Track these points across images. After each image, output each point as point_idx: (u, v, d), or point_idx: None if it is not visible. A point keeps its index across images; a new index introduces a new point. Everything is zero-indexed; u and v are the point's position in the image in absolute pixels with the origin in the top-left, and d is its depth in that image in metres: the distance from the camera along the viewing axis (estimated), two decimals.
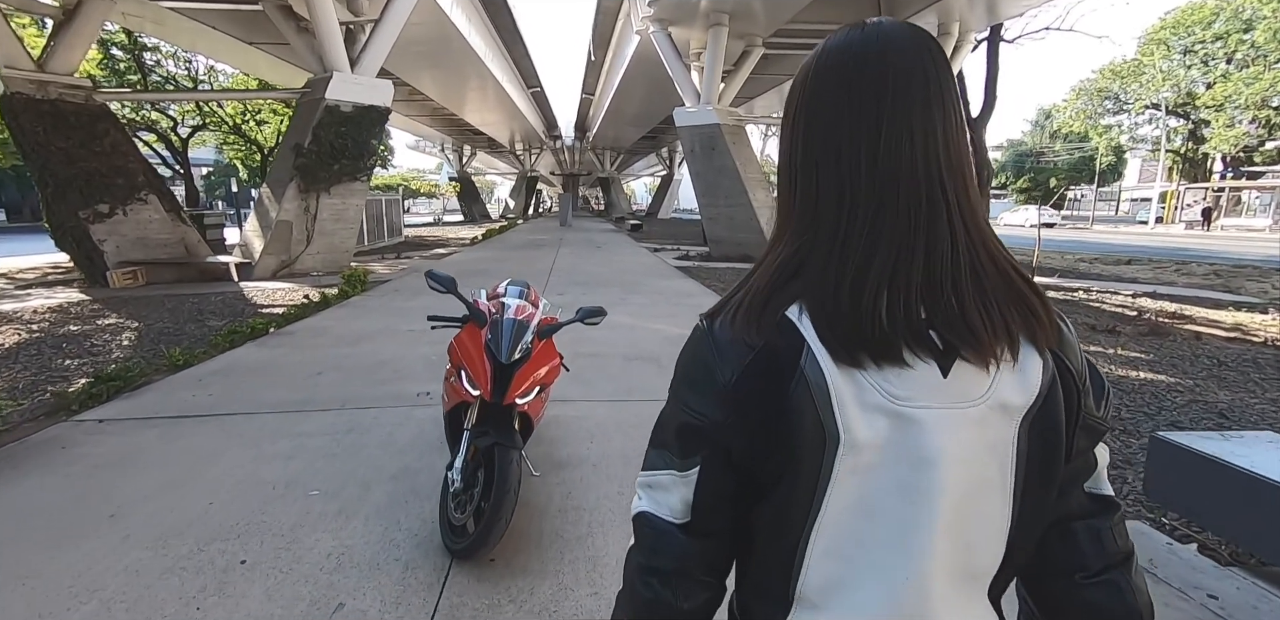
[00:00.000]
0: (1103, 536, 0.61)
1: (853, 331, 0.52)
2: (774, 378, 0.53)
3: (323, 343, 5.37)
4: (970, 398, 0.52)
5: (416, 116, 29.53)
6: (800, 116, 0.57)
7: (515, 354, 2.19)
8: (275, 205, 9.93)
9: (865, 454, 0.52)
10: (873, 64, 0.54)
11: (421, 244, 18.07)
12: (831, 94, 0.55)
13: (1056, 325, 0.57)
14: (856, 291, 0.52)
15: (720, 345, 0.56)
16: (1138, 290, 8.92)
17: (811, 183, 0.56)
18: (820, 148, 0.55)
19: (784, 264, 0.57)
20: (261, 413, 3.61)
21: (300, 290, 8.48)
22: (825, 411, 0.52)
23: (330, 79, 9.96)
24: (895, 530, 0.53)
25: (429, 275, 2.38)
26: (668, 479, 0.60)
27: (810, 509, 0.54)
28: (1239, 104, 26.49)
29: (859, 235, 0.53)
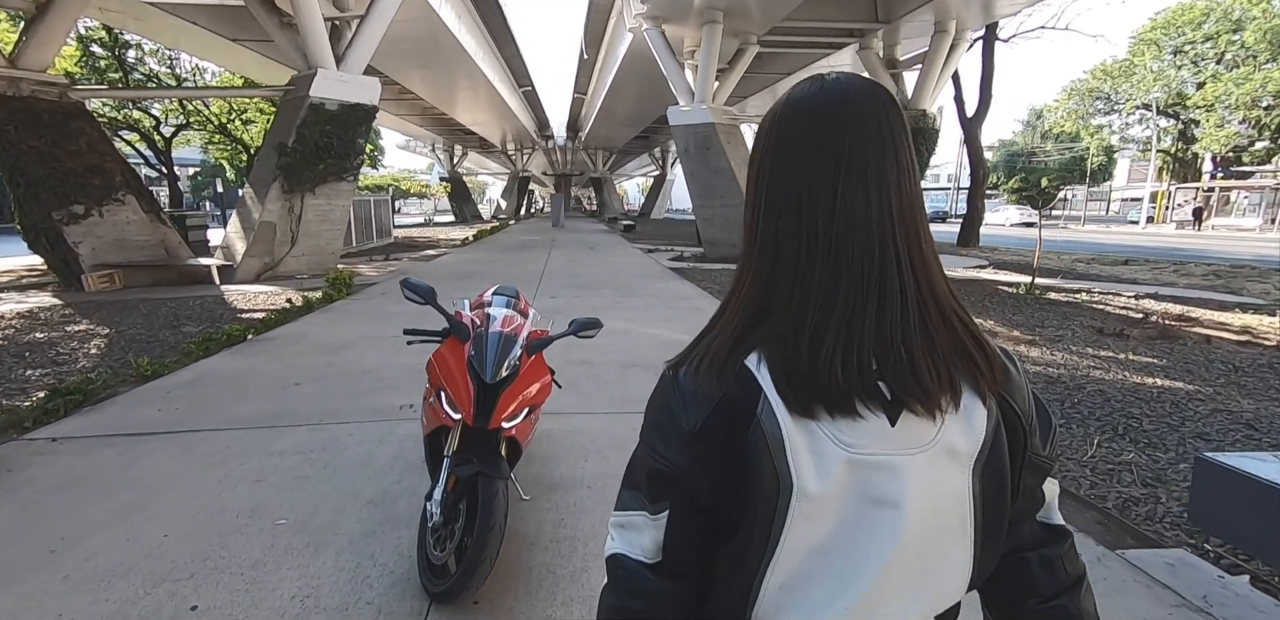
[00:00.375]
0: (1054, 565, 0.65)
1: (810, 385, 0.54)
2: (733, 426, 0.55)
3: (302, 350, 5.12)
4: (919, 444, 0.55)
5: (406, 116, 29.19)
6: (765, 165, 0.59)
7: (502, 372, 1.96)
8: (258, 206, 9.64)
9: (816, 501, 0.54)
10: (831, 118, 0.56)
11: (411, 245, 17.78)
12: (793, 146, 0.57)
13: (1004, 368, 0.60)
14: (815, 348, 0.54)
15: (684, 394, 0.58)
16: (1139, 291, 8.79)
17: (772, 231, 0.58)
18: (782, 198, 0.57)
19: (747, 313, 0.59)
20: (231, 429, 3.37)
21: (283, 294, 8.20)
22: (779, 460, 0.54)
23: (315, 76, 9.69)
24: (843, 571, 0.55)
25: (404, 284, 2.15)
26: (640, 520, 0.61)
27: (766, 549, 0.56)
28: (1229, 104, 26.58)
29: (818, 289, 0.55)
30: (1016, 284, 9.47)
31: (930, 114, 12.77)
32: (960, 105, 16.46)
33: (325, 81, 9.81)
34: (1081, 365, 4.81)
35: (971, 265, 12.76)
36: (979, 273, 11.53)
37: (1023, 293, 8.62)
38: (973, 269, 12.17)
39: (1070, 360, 4.98)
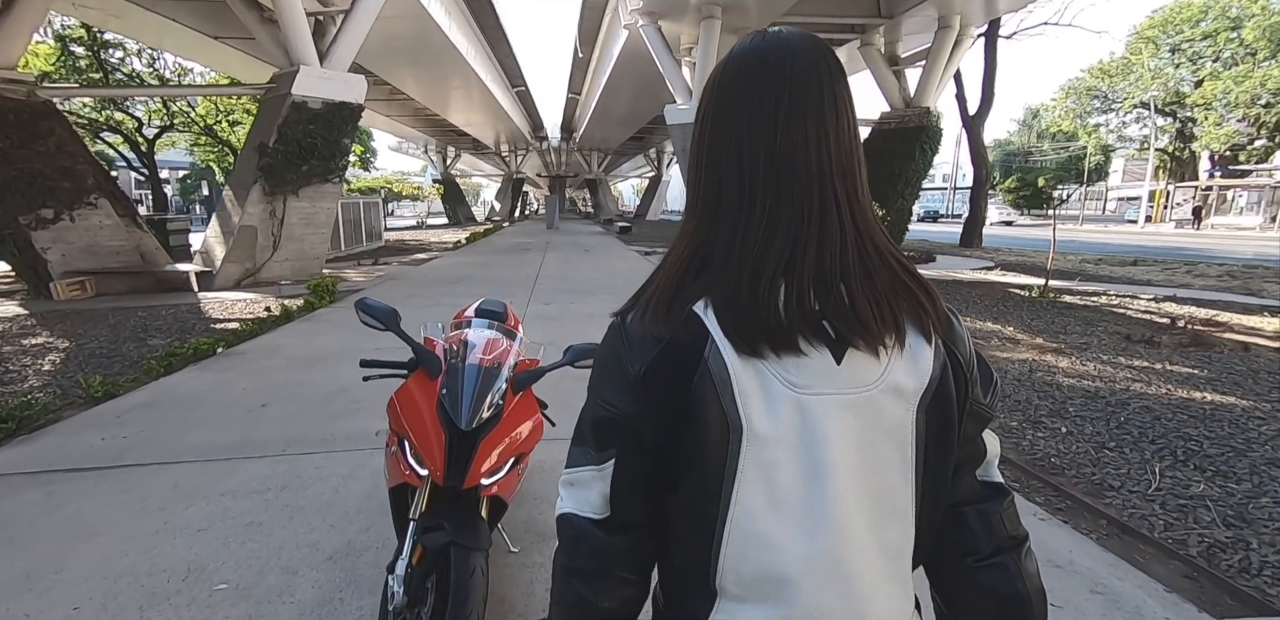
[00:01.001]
0: (992, 521, 0.64)
1: (753, 322, 0.54)
2: (679, 369, 0.55)
3: (274, 365, 4.71)
4: (865, 383, 0.55)
5: (398, 117, 28.76)
6: (708, 116, 0.60)
7: (482, 414, 1.58)
8: (238, 209, 9.22)
9: (769, 444, 0.54)
10: (773, 69, 0.57)
11: (402, 248, 17.35)
12: (737, 96, 0.58)
13: (946, 317, 0.61)
14: (754, 285, 0.55)
15: (631, 340, 0.58)
16: (1157, 294, 8.46)
17: (715, 176, 0.59)
18: (724, 145, 0.59)
19: (690, 259, 0.59)
20: (182, 462, 2.97)
21: (263, 301, 7.80)
22: (728, 401, 0.54)
23: (297, 73, 9.28)
24: (803, 515, 0.54)
25: (360, 307, 1.76)
26: (587, 475, 0.61)
27: (720, 501, 0.55)
28: (1229, 102, 26.40)
29: (757, 226, 0.56)
30: (1028, 287, 9.13)
31: (934, 111, 12.46)
32: (962, 103, 16.16)
33: (308, 79, 9.40)
34: (1118, 377, 4.46)
35: (977, 267, 12.43)
36: (986, 275, 11.21)
37: (1037, 296, 8.29)
38: (979, 271, 11.84)
39: (1104, 371, 4.63)
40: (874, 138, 13.02)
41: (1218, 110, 27.66)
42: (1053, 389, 4.19)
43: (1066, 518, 2.50)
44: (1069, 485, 2.77)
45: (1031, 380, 4.40)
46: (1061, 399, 3.98)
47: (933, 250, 15.48)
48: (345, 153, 10.40)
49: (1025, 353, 5.24)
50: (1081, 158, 41.42)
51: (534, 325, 6.08)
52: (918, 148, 12.35)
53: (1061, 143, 44.20)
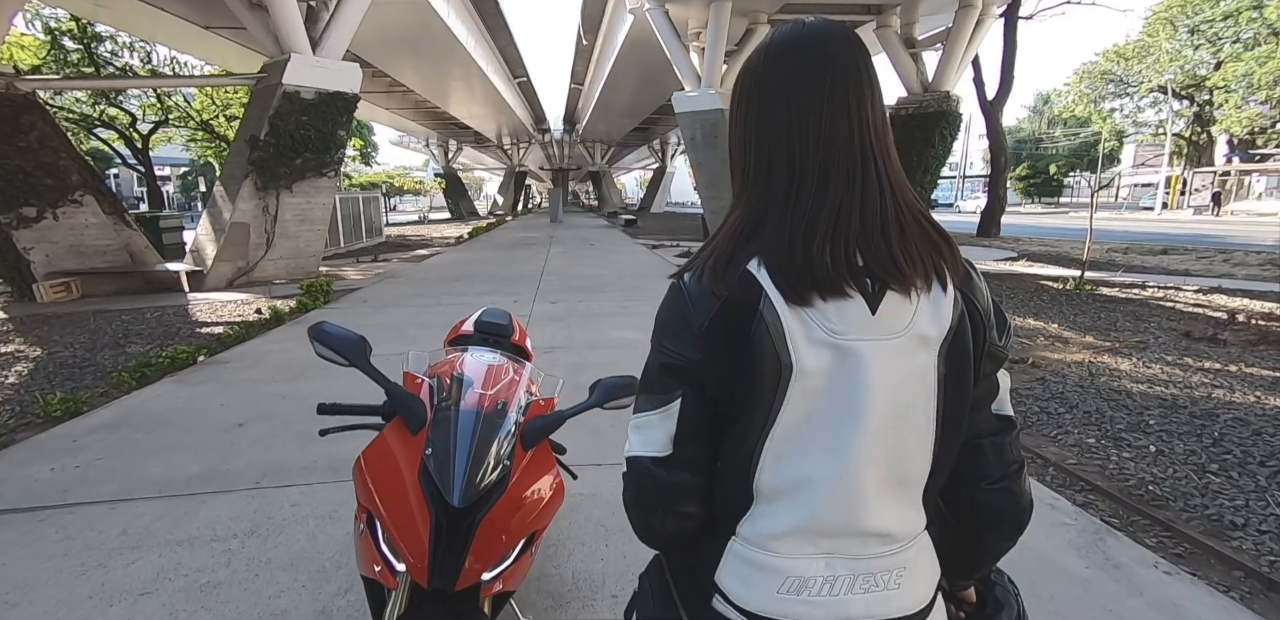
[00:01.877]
0: (1004, 451, 0.72)
1: (804, 275, 0.62)
2: (739, 321, 0.62)
3: (258, 376, 4.31)
4: (895, 330, 0.62)
5: (398, 110, 28.23)
6: (754, 97, 0.67)
7: (480, 483, 1.14)
8: (229, 205, 8.80)
9: (812, 379, 0.62)
10: (816, 55, 0.64)
11: (403, 244, 16.94)
12: (783, 79, 0.65)
13: (965, 270, 0.67)
14: (807, 243, 0.62)
15: (693, 297, 0.65)
16: (1202, 285, 7.96)
17: (765, 153, 0.66)
18: (774, 123, 0.65)
19: (743, 226, 0.66)
20: (138, 498, 2.57)
21: (254, 303, 7.40)
22: (781, 346, 0.61)
23: (288, 62, 8.83)
24: (831, 440, 0.63)
25: (315, 335, 1.30)
26: (655, 418, 0.68)
27: (765, 424, 0.64)
28: (1251, 84, 25.59)
29: (808, 196, 0.63)
30: (1060, 278, 8.66)
31: (954, 96, 11.91)
32: (980, 88, 15.56)
33: (300, 67, 8.95)
34: (1192, 382, 4.00)
35: (1001, 257, 11.92)
36: (1011, 266, 10.70)
37: (1073, 289, 7.81)
38: (1004, 261, 11.34)
39: (1174, 375, 4.17)
40: (891, 124, 12.46)
41: (1239, 92, 26.83)
42: (1123, 397, 3.75)
43: (1193, 568, 2.07)
44: (1180, 522, 2.34)
45: (1096, 386, 3.95)
46: (1136, 409, 3.53)
47: None
48: (340, 145, 9.96)
49: (1078, 353, 4.79)
50: (1094, 144, 40.58)
51: (540, 327, 5.66)
52: (937, 134, 11.82)
53: (1073, 129, 43.34)
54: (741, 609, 0.66)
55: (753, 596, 0.66)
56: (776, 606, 0.65)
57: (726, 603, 0.67)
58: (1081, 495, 2.57)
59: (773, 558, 0.65)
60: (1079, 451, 2.99)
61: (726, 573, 0.68)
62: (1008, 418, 0.72)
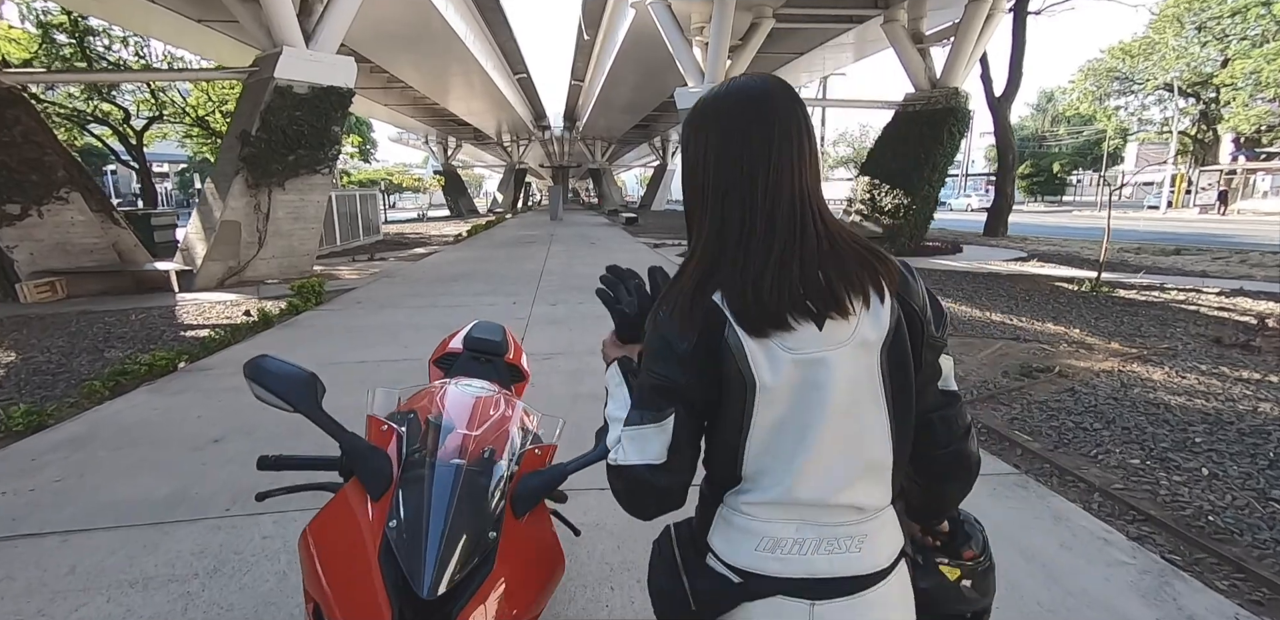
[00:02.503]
0: (950, 421, 0.84)
1: (757, 313, 0.72)
2: (711, 346, 0.73)
3: (239, 385, 4.02)
4: (840, 340, 0.73)
5: (397, 106, 27.93)
6: (709, 153, 0.76)
7: (459, 566, 0.89)
8: (220, 203, 8.55)
9: (774, 391, 0.73)
10: (762, 112, 0.73)
11: (401, 242, 16.68)
12: (736, 135, 0.73)
13: (902, 276, 0.78)
14: (758, 288, 0.72)
15: (673, 329, 0.74)
16: (1222, 287, 7.72)
17: (718, 204, 0.75)
18: (728, 177, 0.74)
19: (703, 268, 0.75)
20: (94, 528, 2.33)
21: (244, 304, 7.15)
22: (744, 366, 0.72)
23: (280, 55, 8.57)
24: (799, 433, 0.74)
25: (250, 372, 1.06)
26: (651, 431, 0.75)
27: (742, 429, 0.75)
28: (1259, 82, 25.28)
29: (757, 243, 0.73)
30: (1075, 280, 8.42)
31: (963, 92, 11.63)
32: (987, 85, 15.27)
33: (292, 61, 8.69)
34: (1234, 394, 3.76)
35: (1010, 257, 11.67)
36: (1022, 266, 10.45)
37: (1089, 290, 7.57)
38: (1014, 262, 11.09)
39: (1212, 386, 3.93)
40: (897, 121, 12.21)
41: (1246, 90, 26.52)
42: (1161, 410, 3.51)
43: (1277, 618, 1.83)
44: (1253, 560, 2.10)
45: (1130, 399, 3.71)
46: (1179, 425, 3.29)
47: (957, 240, 14.69)
48: (335, 141, 9.71)
49: (1105, 361, 4.55)
50: (1098, 142, 40.23)
51: (539, 331, 5.41)
52: (945, 131, 11.52)
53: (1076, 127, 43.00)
54: (727, 564, 0.78)
55: (735, 553, 0.78)
56: (754, 562, 0.76)
57: (716, 559, 0.79)
58: (1135, 527, 2.33)
59: (751, 521, 0.77)
60: (1124, 474, 2.75)
61: (715, 534, 0.80)
62: (952, 393, 0.84)
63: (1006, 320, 6.06)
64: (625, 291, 0.94)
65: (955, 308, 6.68)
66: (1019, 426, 3.34)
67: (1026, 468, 2.83)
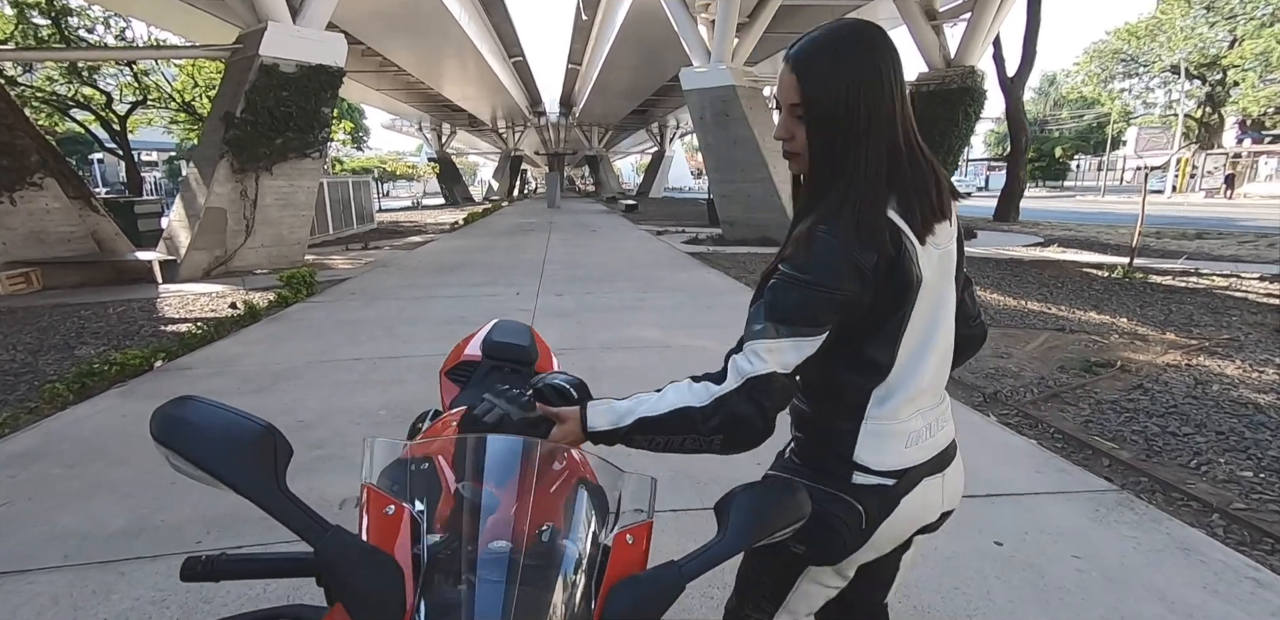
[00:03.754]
0: (975, 298, 1.04)
1: (925, 220, 0.83)
2: (891, 254, 0.79)
3: (221, 387, 3.67)
4: (951, 236, 0.88)
5: (390, 91, 27.24)
6: (860, 90, 0.79)
7: None
8: (204, 189, 8.09)
9: (929, 286, 0.84)
10: (894, 52, 0.81)
11: (396, 231, 16.20)
12: (877, 75, 0.80)
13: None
14: (924, 200, 0.83)
15: (854, 244, 0.78)
16: (1261, 272, 7.36)
17: (878, 138, 0.81)
18: (883, 114, 0.80)
19: (875, 193, 0.81)
20: (34, 568, 1.94)
21: (230, 295, 6.73)
22: (917, 266, 0.81)
23: (265, 31, 8.05)
24: (930, 326, 0.86)
25: (161, 429, 0.62)
26: (790, 344, 0.78)
27: (903, 321, 0.83)
28: (1269, 62, 24.77)
29: (912, 169, 0.84)
30: (1104, 266, 8.05)
31: (979, 71, 11.16)
32: (1000, 65, 14.76)
33: (278, 38, 8.17)
34: None
35: (1029, 243, 11.30)
36: (1043, 252, 10.08)
37: (1122, 277, 7.20)
38: (1033, 247, 10.71)
39: None
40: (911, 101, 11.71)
41: (1256, 71, 26.01)
42: (1252, 411, 3.15)
43: None
44: None
45: (1212, 398, 3.35)
46: (1278, 427, 2.93)
47: (970, 225, 14.28)
48: (325, 124, 9.21)
49: (1166, 354, 4.18)
50: (1100, 126, 39.66)
51: (546, 324, 5.01)
52: (961, 112, 11.08)
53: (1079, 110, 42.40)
54: (878, 472, 0.86)
55: (888, 458, 0.86)
56: (905, 459, 0.87)
57: (866, 472, 0.86)
58: (1278, 557, 1.97)
59: (897, 424, 0.86)
60: (1240, 491, 2.39)
61: (863, 449, 0.86)
62: (969, 278, 1.01)
63: (1045, 309, 5.69)
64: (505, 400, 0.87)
65: (987, 296, 6.31)
66: (1097, 431, 2.97)
67: (1122, 482, 2.47)
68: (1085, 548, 1.96)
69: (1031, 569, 1.87)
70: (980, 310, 1.05)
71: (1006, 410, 3.27)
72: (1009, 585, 1.80)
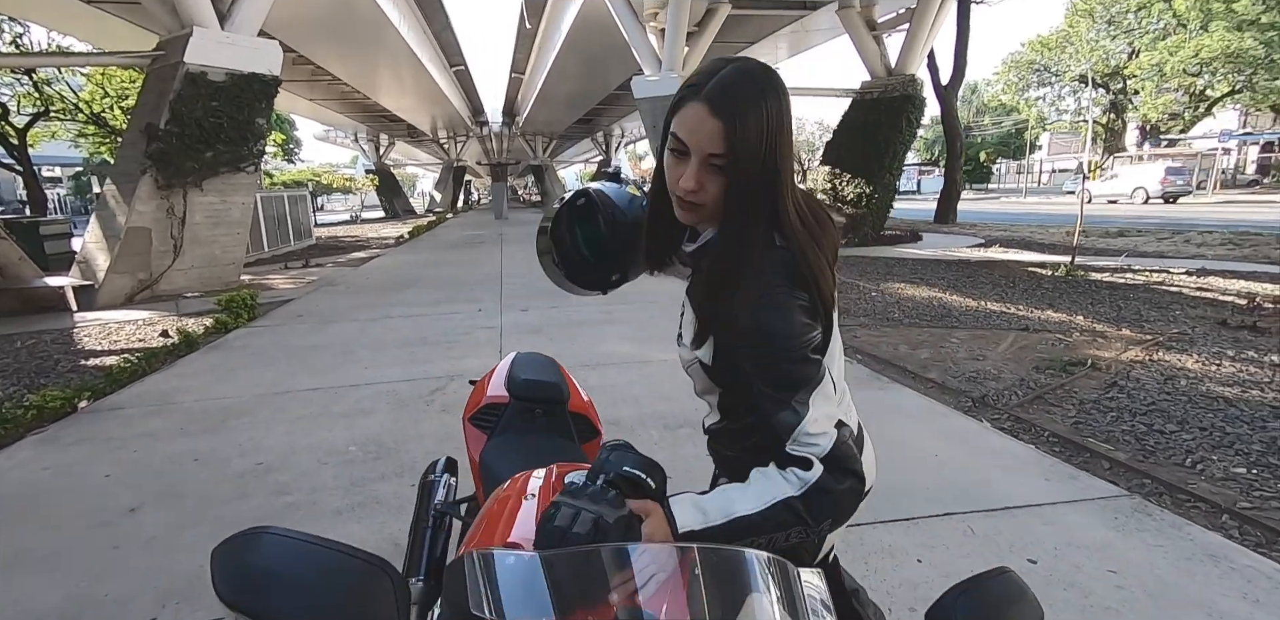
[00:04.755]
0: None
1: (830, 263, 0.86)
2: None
3: (161, 428, 3.29)
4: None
5: (322, 101, 26.13)
6: (788, 127, 0.78)
7: None
8: (124, 207, 7.44)
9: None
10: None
11: (337, 247, 15.47)
12: (789, 126, 0.80)
13: None
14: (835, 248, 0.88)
15: (799, 288, 0.77)
16: (1188, 267, 7.84)
17: (791, 179, 0.82)
18: (790, 168, 0.81)
19: (813, 237, 0.82)
20: None
21: (160, 322, 6.18)
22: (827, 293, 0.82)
23: (190, 37, 7.51)
24: (830, 326, 0.84)
25: (229, 589, 0.45)
26: (818, 398, 0.74)
27: (828, 332, 0.83)
28: (1164, 72, 26.94)
29: (823, 215, 0.89)
30: (1046, 265, 8.42)
31: (918, 79, 11.60)
32: (934, 73, 15.42)
33: (205, 44, 7.65)
34: None
35: (972, 244, 11.76)
36: (987, 252, 10.50)
37: (1065, 275, 7.53)
38: (976, 248, 11.15)
39: (1255, 374, 3.74)
40: (855, 110, 12.06)
41: (1153, 81, 28.23)
42: (1224, 405, 3.26)
43: None
44: None
45: (1184, 393, 3.45)
46: (1254, 422, 3.03)
47: (914, 228, 14.78)
48: (260, 136, 8.68)
49: (1128, 350, 4.33)
50: (1019, 132, 42.17)
51: (517, 341, 4.78)
52: (903, 119, 11.46)
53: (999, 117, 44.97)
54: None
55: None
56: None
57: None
58: None
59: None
60: (1240, 488, 2.43)
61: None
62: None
63: (1005, 309, 5.85)
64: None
65: (946, 297, 6.46)
66: (1088, 432, 3.00)
67: (1127, 485, 2.48)
68: (1118, 561, 1.92)
69: (1074, 588, 1.81)
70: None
71: (998, 415, 3.27)
72: (1055, 609, 1.73)
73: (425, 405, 3.50)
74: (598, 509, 0.62)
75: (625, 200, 1.05)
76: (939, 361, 4.26)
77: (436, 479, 1.37)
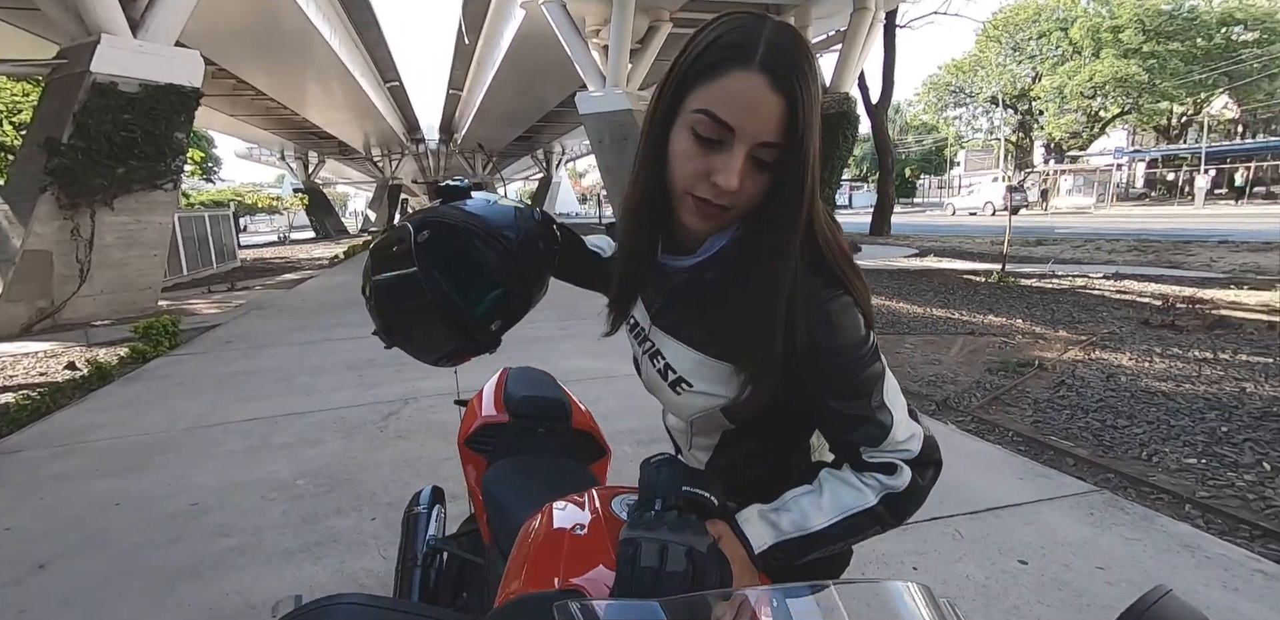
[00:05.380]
0: None
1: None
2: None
3: (72, 469, 2.92)
4: None
5: (244, 116, 24.97)
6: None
7: None
8: (19, 228, 6.77)
9: None
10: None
11: (264, 268, 14.66)
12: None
13: None
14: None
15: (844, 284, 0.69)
16: (1104, 272, 8.41)
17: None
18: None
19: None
20: None
21: (65, 353, 5.61)
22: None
23: (97, 44, 6.99)
24: None
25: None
26: (893, 396, 0.67)
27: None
28: (1064, 95, 29.33)
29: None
30: (979, 272, 8.86)
31: (852, 97, 12.14)
32: (865, 92, 16.18)
33: (115, 52, 7.13)
34: (1208, 375, 3.81)
35: (908, 254, 12.28)
36: (923, 262, 10.98)
37: (998, 282, 7.93)
38: (912, 258, 11.65)
39: (1184, 369, 3.99)
40: None
41: (1055, 102, 30.68)
42: (1162, 399, 3.44)
43: None
44: None
45: (1126, 389, 3.63)
46: (1192, 413, 3.21)
47: (853, 240, 15.36)
48: (179, 151, 8.14)
49: (1068, 350, 4.55)
50: (940, 150, 44.91)
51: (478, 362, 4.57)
52: (840, 134, 11.97)
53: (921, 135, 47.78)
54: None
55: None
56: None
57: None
58: (1260, 545, 2.07)
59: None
60: (1195, 478, 2.54)
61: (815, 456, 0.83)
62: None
63: (949, 315, 6.08)
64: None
65: (894, 305, 6.66)
66: (1049, 431, 3.10)
67: (1094, 480, 2.55)
68: (1103, 558, 1.95)
69: (1067, 588, 1.81)
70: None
71: (962, 417, 3.34)
72: (1056, 610, 1.72)
73: (379, 431, 3.27)
74: (685, 540, 0.53)
75: (500, 212, 0.81)
76: (897, 367, 4.34)
77: (424, 511, 1.23)
